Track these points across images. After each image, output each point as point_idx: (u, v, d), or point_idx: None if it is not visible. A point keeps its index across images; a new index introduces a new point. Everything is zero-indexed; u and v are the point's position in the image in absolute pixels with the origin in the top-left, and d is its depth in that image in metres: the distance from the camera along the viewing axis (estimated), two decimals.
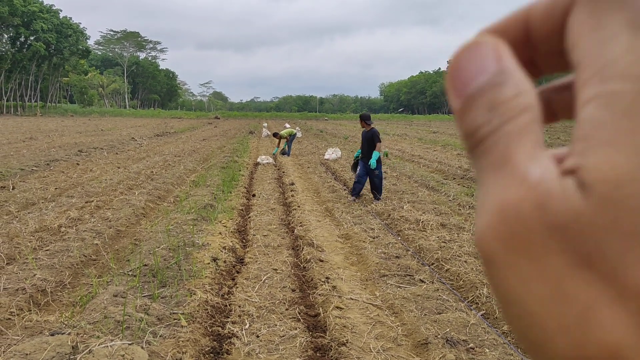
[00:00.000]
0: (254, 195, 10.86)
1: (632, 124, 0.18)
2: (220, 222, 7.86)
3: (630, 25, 0.19)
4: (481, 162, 0.21)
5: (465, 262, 6.13)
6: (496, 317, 4.68)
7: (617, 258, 0.18)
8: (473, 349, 3.94)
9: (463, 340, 4.07)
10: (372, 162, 9.52)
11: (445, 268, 5.96)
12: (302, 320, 4.57)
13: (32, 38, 71.23)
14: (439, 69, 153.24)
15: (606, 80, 0.19)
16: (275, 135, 19.82)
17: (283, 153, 19.01)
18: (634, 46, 0.19)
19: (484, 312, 4.83)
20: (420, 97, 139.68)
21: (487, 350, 3.93)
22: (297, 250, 6.85)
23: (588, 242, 0.18)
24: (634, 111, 0.18)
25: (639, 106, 0.18)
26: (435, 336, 4.11)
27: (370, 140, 9.73)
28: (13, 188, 10.65)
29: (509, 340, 4.23)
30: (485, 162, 0.21)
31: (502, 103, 0.21)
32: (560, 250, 0.19)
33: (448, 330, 4.25)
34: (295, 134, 20.18)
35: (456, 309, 4.79)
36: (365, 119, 9.94)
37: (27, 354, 3.04)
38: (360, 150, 10.19)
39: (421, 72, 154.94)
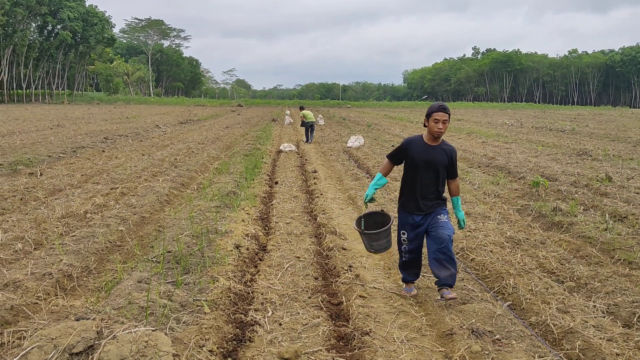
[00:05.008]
0: (276, 183, 10.85)
1: None
2: (243, 209, 7.86)
3: None
4: None
5: (491, 251, 6.02)
6: (523, 308, 4.57)
7: None
8: (499, 340, 3.86)
9: (489, 331, 3.98)
10: (463, 216, 4.82)
11: (471, 257, 5.86)
12: (324, 308, 4.54)
13: (59, 27, 72.23)
14: (464, 55, 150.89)
15: None
16: (301, 108, 20.97)
17: (306, 141, 19.28)
18: None
19: (510, 302, 4.73)
20: (445, 84, 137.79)
21: (514, 341, 3.84)
22: (320, 238, 6.82)
23: None
24: None
25: None
26: (460, 327, 4.04)
27: (442, 168, 4.64)
28: (41, 174, 10.84)
29: (536, 332, 4.14)
30: None
31: None
32: None
33: (473, 320, 4.17)
34: (313, 122, 20.01)
35: (482, 299, 4.70)
36: (450, 113, 4.58)
37: (52, 339, 3.07)
38: (378, 182, 4.85)
39: (445, 59, 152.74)
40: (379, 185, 4.86)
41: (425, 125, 4.59)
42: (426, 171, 4.61)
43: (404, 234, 4.81)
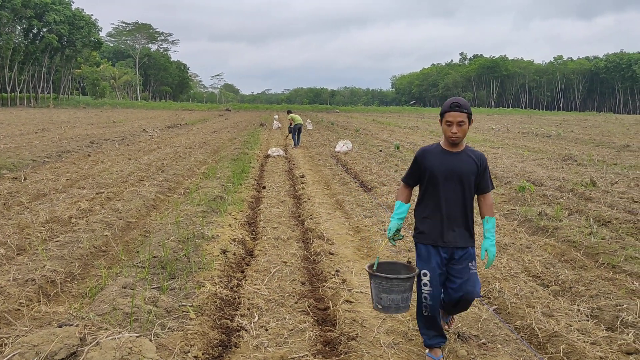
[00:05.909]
0: (264, 188, 10.83)
1: None
2: (230, 214, 7.83)
3: None
4: None
5: (477, 256, 6.05)
6: (508, 312, 4.60)
7: None
8: (485, 344, 3.88)
9: (475, 335, 4.00)
10: (492, 247, 3.79)
11: None
12: (311, 313, 4.53)
13: (44, 30, 71.64)
14: (451, 61, 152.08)
15: None
16: (288, 112, 21.05)
17: (294, 146, 19.35)
18: None
19: (496, 307, 4.75)
20: (432, 89, 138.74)
21: (500, 345, 3.86)
22: (307, 242, 6.81)
23: None
24: None
25: None
26: (447, 331, 4.05)
27: (469, 179, 3.77)
28: (25, 179, 10.70)
29: (521, 336, 4.16)
30: None
31: None
32: None
33: (459, 325, 4.19)
34: (300, 125, 19.96)
35: None
36: (468, 110, 3.58)
37: (34, 345, 3.03)
38: (398, 210, 3.98)
39: (433, 65, 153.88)
40: (402, 214, 3.87)
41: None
42: (450, 184, 3.63)
43: (425, 275, 3.60)
